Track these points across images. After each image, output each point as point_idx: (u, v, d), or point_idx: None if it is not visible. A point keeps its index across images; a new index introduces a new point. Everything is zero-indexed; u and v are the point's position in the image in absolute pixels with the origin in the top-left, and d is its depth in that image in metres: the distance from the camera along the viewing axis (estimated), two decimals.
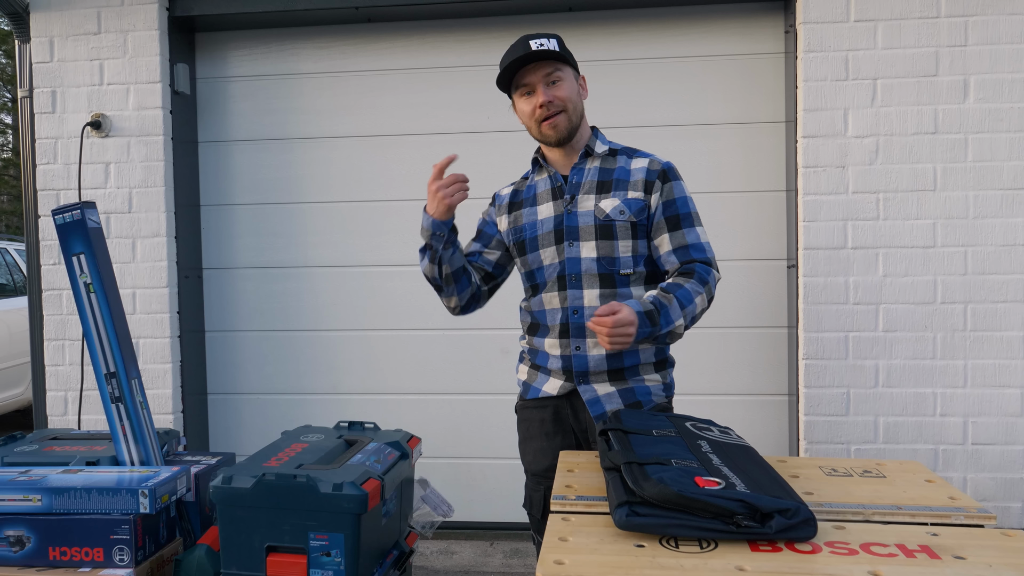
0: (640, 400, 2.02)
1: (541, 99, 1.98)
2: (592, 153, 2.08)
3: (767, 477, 1.38)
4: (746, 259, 3.49)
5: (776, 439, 3.49)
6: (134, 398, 1.97)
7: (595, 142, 2.10)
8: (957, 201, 3.19)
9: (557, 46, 1.99)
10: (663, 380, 2.07)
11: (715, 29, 3.49)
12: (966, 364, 3.21)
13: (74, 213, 1.98)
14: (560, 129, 2.01)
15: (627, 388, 2.02)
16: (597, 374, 2.02)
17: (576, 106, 2.04)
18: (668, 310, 1.88)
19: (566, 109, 2.00)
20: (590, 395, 2.02)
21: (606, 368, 2.01)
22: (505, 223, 2.15)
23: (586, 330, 2.00)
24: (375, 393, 3.70)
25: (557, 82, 2.00)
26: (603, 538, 1.25)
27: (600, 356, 2.00)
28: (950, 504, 1.40)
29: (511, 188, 2.20)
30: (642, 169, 2.04)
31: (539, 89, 1.99)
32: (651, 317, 1.85)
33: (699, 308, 1.94)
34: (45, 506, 1.74)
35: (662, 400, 2.06)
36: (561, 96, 2.00)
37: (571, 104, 2.01)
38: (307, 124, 3.70)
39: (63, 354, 3.57)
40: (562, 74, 2.01)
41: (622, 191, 2.02)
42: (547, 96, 1.98)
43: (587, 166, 2.07)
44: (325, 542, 1.69)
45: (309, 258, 3.72)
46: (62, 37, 3.52)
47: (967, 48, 3.18)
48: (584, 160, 2.08)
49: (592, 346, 2.01)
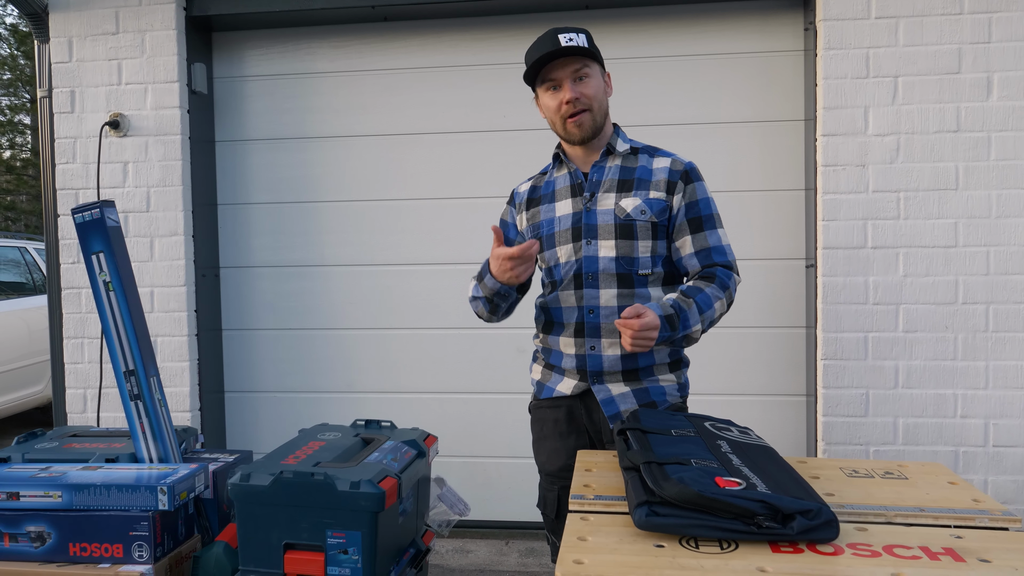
0: (655, 400, 2.02)
1: (568, 95, 1.97)
2: (614, 151, 2.07)
3: (788, 478, 1.38)
4: (765, 259, 3.47)
5: (794, 440, 3.48)
6: (153, 396, 1.99)
7: (617, 140, 2.08)
8: (979, 200, 3.16)
9: (586, 42, 1.98)
10: (678, 380, 2.07)
11: (733, 26, 3.48)
12: (987, 365, 3.18)
13: (93, 212, 2.00)
14: (585, 127, 2.00)
15: (642, 388, 2.02)
16: (611, 374, 2.01)
17: (601, 104, 2.02)
18: (687, 315, 1.88)
19: (591, 107, 1.99)
20: (604, 395, 2.01)
21: (620, 368, 2.01)
22: (524, 220, 2.15)
23: (601, 330, 2.00)
24: (391, 391, 3.71)
25: (584, 79, 1.98)
26: (622, 538, 1.25)
27: (615, 356, 2.00)
28: (974, 506, 1.40)
29: (529, 184, 2.19)
30: (664, 169, 2.03)
31: (566, 85, 1.97)
32: (671, 322, 1.86)
33: (717, 313, 1.95)
34: (65, 502, 1.76)
35: (676, 400, 2.06)
36: (588, 94, 1.98)
37: (597, 102, 2.00)
38: (323, 123, 3.72)
39: (82, 352, 3.61)
40: (590, 71, 1.99)
41: (644, 190, 2.01)
42: (574, 93, 1.97)
43: (608, 164, 2.06)
44: (343, 540, 1.70)
45: (325, 257, 3.74)
46: (80, 37, 3.56)
47: (990, 45, 3.15)
48: (605, 158, 2.07)
49: (607, 346, 2.00)
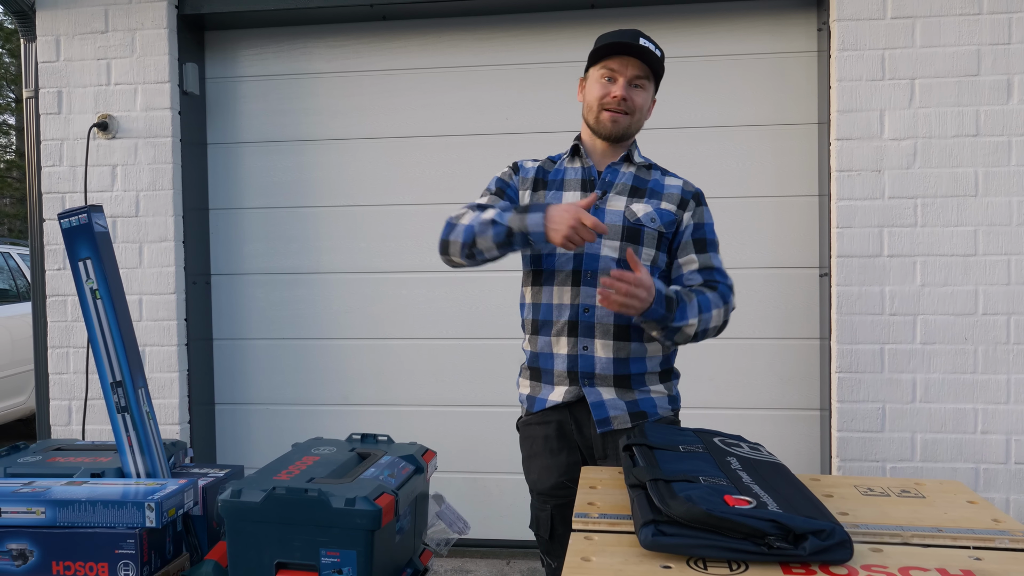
0: (645, 412, 2.06)
1: (620, 92, 2.04)
2: (631, 160, 2.15)
3: (800, 496, 1.37)
4: (776, 267, 3.47)
5: (807, 456, 3.46)
6: (140, 408, 1.98)
7: (634, 152, 2.16)
8: (1000, 207, 3.16)
9: (661, 58, 2.07)
10: (668, 392, 2.11)
11: (744, 27, 3.48)
12: (1009, 379, 3.17)
13: (80, 217, 2.00)
14: (619, 127, 2.07)
15: (632, 400, 2.05)
16: (603, 378, 2.04)
17: (641, 119, 2.12)
18: (686, 306, 1.94)
19: (633, 115, 2.07)
20: (595, 398, 2.04)
21: (612, 373, 2.04)
22: (526, 198, 2.17)
23: (595, 330, 2.03)
24: (388, 404, 3.70)
25: (639, 87, 2.07)
26: (627, 558, 1.24)
27: (607, 359, 2.03)
28: (994, 527, 1.38)
29: (536, 164, 2.21)
30: (677, 187, 2.13)
31: (621, 82, 2.04)
32: (668, 302, 1.91)
33: (714, 321, 2.00)
34: (49, 519, 1.75)
35: (668, 414, 2.10)
36: (637, 102, 2.07)
37: (639, 114, 2.10)
38: (319, 125, 3.72)
39: (67, 362, 3.61)
40: (647, 84, 2.09)
41: (656, 200, 2.09)
42: (626, 93, 2.04)
43: (623, 169, 2.14)
44: (337, 559, 1.69)
45: (321, 264, 3.74)
46: (68, 36, 3.57)
47: (1011, 46, 3.15)
48: (622, 163, 2.14)
49: (600, 348, 2.03)
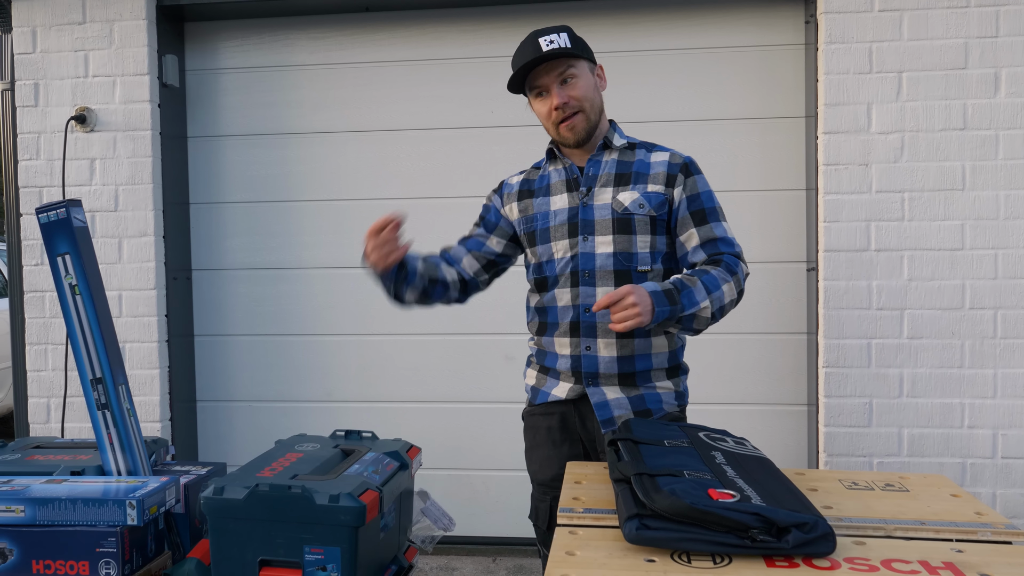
0: (650, 408, 2.03)
1: (556, 101, 2.00)
2: (610, 146, 2.10)
3: (784, 490, 1.39)
4: (763, 261, 3.49)
5: (794, 451, 3.49)
6: (121, 405, 1.99)
7: (613, 135, 2.11)
8: (987, 201, 3.19)
9: (568, 41, 1.99)
10: (675, 388, 2.08)
11: (731, 19, 3.50)
12: (996, 373, 3.21)
13: (59, 211, 2.00)
14: (578, 130, 2.03)
15: (637, 395, 2.03)
16: (607, 376, 2.03)
17: (593, 103, 2.05)
18: (692, 291, 1.88)
19: (583, 108, 2.03)
20: (598, 398, 2.03)
21: (616, 371, 2.02)
22: (516, 212, 2.17)
23: (597, 329, 2.02)
24: (373, 401, 3.71)
25: (571, 80, 2.01)
26: (612, 552, 1.26)
27: (611, 358, 2.02)
28: (976, 520, 1.41)
29: (521, 176, 2.22)
30: (663, 163, 2.06)
31: (553, 90, 2.01)
32: (670, 296, 1.85)
33: (727, 297, 1.94)
34: (28, 517, 1.75)
35: (674, 409, 2.07)
36: (576, 95, 2.01)
37: (588, 102, 2.03)
38: (302, 118, 3.72)
39: (46, 359, 3.60)
40: (576, 71, 2.02)
41: (642, 184, 2.04)
42: (561, 98, 2.00)
43: (604, 158, 2.09)
44: (321, 556, 1.70)
45: (304, 259, 3.74)
46: (45, 27, 3.55)
47: (998, 40, 3.18)
48: (601, 152, 2.10)
49: (603, 347, 2.02)
